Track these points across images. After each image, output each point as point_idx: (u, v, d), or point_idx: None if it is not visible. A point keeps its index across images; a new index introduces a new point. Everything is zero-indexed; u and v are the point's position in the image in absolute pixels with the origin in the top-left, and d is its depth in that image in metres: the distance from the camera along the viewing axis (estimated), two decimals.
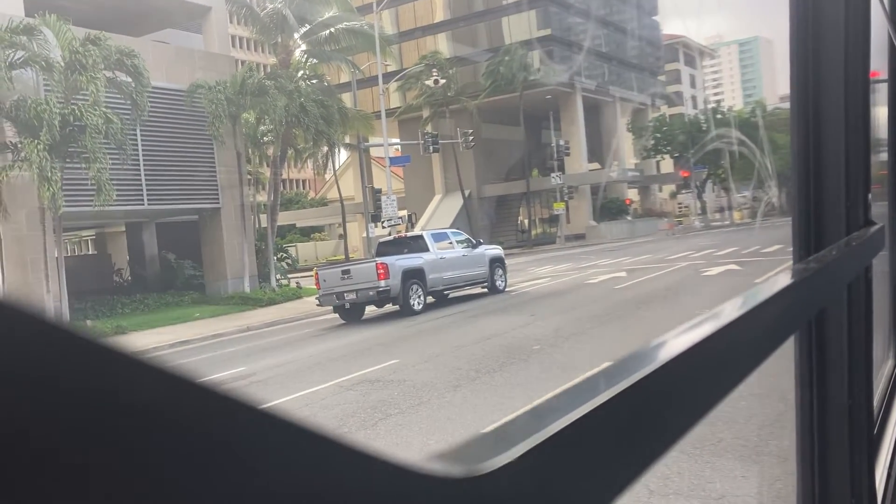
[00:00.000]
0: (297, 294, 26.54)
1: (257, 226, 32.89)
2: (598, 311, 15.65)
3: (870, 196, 2.10)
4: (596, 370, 0.62)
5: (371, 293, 18.76)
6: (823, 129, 1.97)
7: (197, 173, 26.32)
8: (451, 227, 52.54)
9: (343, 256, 49.45)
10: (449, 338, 14.54)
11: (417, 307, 19.22)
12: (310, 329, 19.38)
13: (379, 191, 33.89)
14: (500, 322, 15.69)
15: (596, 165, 59.83)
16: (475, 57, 55.65)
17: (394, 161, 36.88)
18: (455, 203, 54.00)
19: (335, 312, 19.94)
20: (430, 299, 20.25)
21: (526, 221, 56.67)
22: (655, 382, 0.60)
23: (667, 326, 0.76)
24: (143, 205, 24.63)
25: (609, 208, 54.81)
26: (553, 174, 51.04)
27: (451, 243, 21.56)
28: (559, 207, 50.57)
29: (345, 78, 36.23)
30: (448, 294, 21.37)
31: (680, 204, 66.86)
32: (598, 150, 59.90)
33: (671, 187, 68.35)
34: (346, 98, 38.51)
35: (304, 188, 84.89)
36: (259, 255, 29.41)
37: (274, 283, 27.43)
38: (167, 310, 24.36)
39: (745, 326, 0.85)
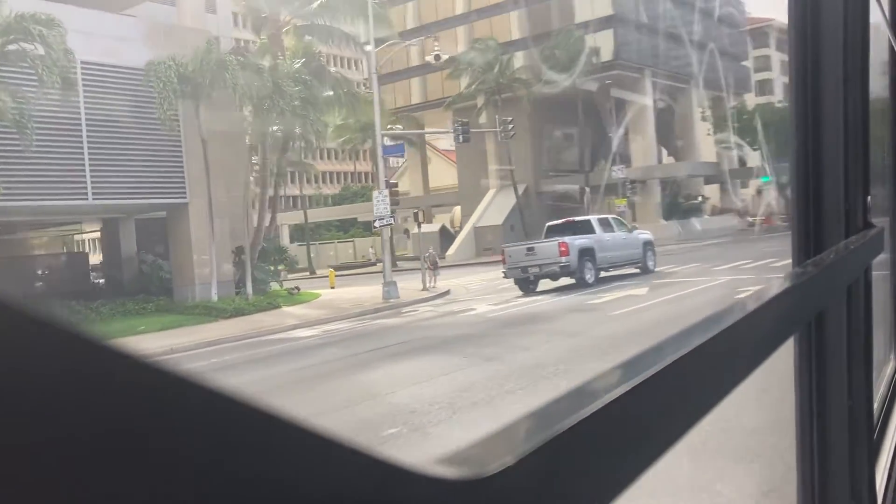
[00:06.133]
0: (274, 304, 23.08)
1: (269, 223, 29.96)
2: (562, 351, 11.54)
3: (869, 199, 2.13)
4: (596, 374, 0.62)
5: (554, 267, 21.94)
6: (823, 132, 2.01)
7: (158, 164, 22.98)
8: (503, 223, 49.03)
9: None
10: (331, 390, 10.74)
11: (590, 280, 22.19)
12: (253, 350, 16.77)
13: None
14: (422, 365, 11.76)
15: (669, 159, 54.69)
16: (540, 41, 51.05)
17: (387, 151, 33.10)
18: (510, 198, 50.07)
19: (516, 284, 22.87)
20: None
21: None
22: (655, 385, 0.62)
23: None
24: (86, 199, 21.40)
25: (679, 205, 49.79)
26: (615, 167, 46.38)
27: (611, 227, 24.48)
28: (621, 204, 45.87)
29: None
30: (608, 270, 23.43)
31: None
32: (670, 141, 54.56)
33: (757, 182, 62.09)
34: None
35: (369, 182, 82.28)
36: (260, 254, 26.40)
37: (250, 290, 23.85)
38: (117, 320, 21.21)
39: (744, 328, 0.87)
